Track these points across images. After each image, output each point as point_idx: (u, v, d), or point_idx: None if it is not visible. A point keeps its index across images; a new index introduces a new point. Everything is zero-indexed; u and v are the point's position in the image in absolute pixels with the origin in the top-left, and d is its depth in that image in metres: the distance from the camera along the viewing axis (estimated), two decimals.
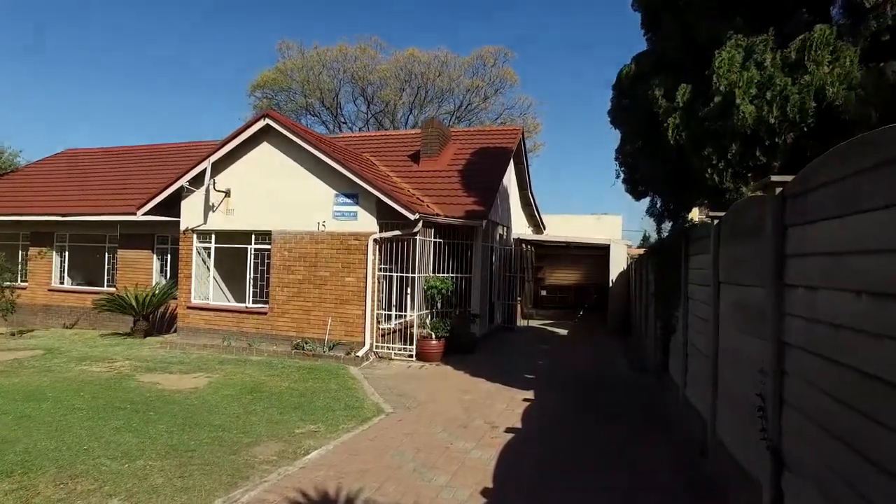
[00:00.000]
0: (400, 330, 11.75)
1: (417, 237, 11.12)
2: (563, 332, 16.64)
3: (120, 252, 15.71)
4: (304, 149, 11.42)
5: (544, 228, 22.24)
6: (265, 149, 12.06)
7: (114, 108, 66.47)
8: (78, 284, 16.56)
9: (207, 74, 61.69)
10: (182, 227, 12.74)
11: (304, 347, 11.11)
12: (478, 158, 14.92)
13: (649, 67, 6.31)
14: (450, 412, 6.97)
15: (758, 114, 4.83)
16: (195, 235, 12.66)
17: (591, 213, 25.49)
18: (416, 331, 11.28)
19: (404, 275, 11.36)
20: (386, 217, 11.17)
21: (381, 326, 11.42)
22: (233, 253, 12.59)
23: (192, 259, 12.67)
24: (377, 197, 10.93)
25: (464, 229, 12.81)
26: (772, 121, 4.66)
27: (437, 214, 11.98)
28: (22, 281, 16.44)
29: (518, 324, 17.23)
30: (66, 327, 15.46)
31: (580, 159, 67.21)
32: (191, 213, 12.63)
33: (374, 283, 11.14)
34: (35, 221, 16.13)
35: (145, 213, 12.80)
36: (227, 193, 12.29)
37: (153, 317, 14.28)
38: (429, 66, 31.96)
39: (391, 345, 11.40)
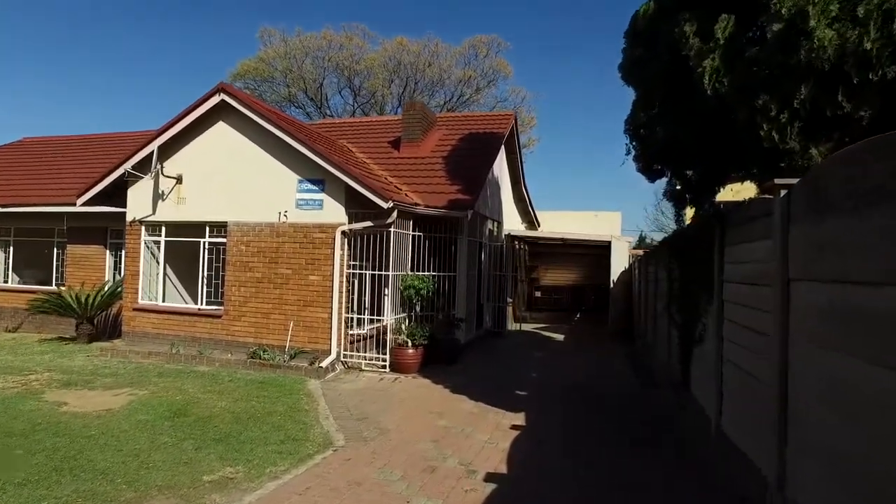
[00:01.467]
0: (374, 336, 10.27)
1: (392, 229, 9.63)
2: (559, 337, 15.19)
3: (69, 248, 14.15)
4: (264, 129, 9.91)
5: (539, 225, 20.80)
6: (221, 129, 10.54)
7: (85, 98, 63.46)
8: (24, 283, 14.98)
9: (183, 62, 59.50)
10: (128, 219, 11.20)
11: (260, 356, 9.60)
12: (465, 145, 13.45)
13: (674, 1, 4.85)
14: (417, 445, 5.49)
15: (841, 40, 3.39)
16: (143, 228, 11.13)
17: (588, 210, 24.07)
18: (390, 337, 9.79)
19: (380, 273, 9.86)
20: (356, 206, 9.68)
21: (351, 332, 9.93)
22: (187, 248, 11.07)
23: (139, 254, 11.14)
24: (346, 183, 9.45)
25: (447, 222, 11.34)
26: (867, 46, 3.21)
27: (416, 204, 10.50)
28: None
29: (510, 328, 15.76)
30: (8, 330, 13.87)
31: (577, 156, 65.82)
32: (138, 203, 11.10)
33: (341, 281, 9.64)
34: None
35: (86, 203, 11.25)
36: (179, 180, 10.77)
37: (101, 319, 12.73)
38: (418, 55, 30.49)
39: (363, 353, 9.91)
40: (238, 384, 8.12)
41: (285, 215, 10.03)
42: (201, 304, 10.76)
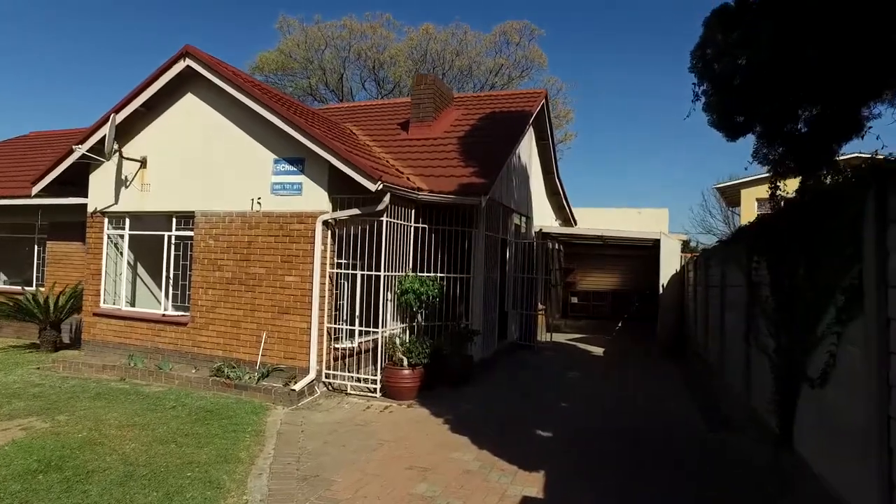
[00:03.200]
0: (370, 350, 8.40)
1: (385, 219, 7.72)
2: (598, 350, 12.96)
3: (49, 245, 12.82)
4: (237, 100, 8.18)
5: (576, 223, 18.58)
6: (190, 103, 8.88)
7: (104, 92, 63.27)
8: (11, 283, 13.77)
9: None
10: (89, 209, 9.68)
11: (226, 374, 7.83)
12: (485, 124, 11.46)
13: None
14: None
15: None
16: (106, 219, 9.58)
17: (631, 207, 21.61)
18: (381, 353, 7.87)
19: (375, 273, 7.96)
20: (343, 191, 7.84)
21: (337, 346, 8.07)
22: (158, 243, 9.44)
23: (102, 250, 9.58)
24: (329, 162, 7.61)
25: (460, 213, 9.37)
26: None
27: (416, 189, 8.55)
28: None
29: (541, 338, 13.63)
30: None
31: (616, 154, 62.43)
32: (100, 191, 9.55)
33: (323, 283, 7.80)
34: None
35: (43, 192, 9.79)
36: (143, 164, 9.17)
37: (73, 325, 11.29)
38: (446, 44, 28.65)
39: (352, 373, 8.04)
40: (178, 413, 6.35)
41: (259, 203, 8.26)
42: (165, 308, 9.11)
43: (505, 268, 12.26)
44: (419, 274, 8.52)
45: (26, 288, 11.66)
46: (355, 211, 7.65)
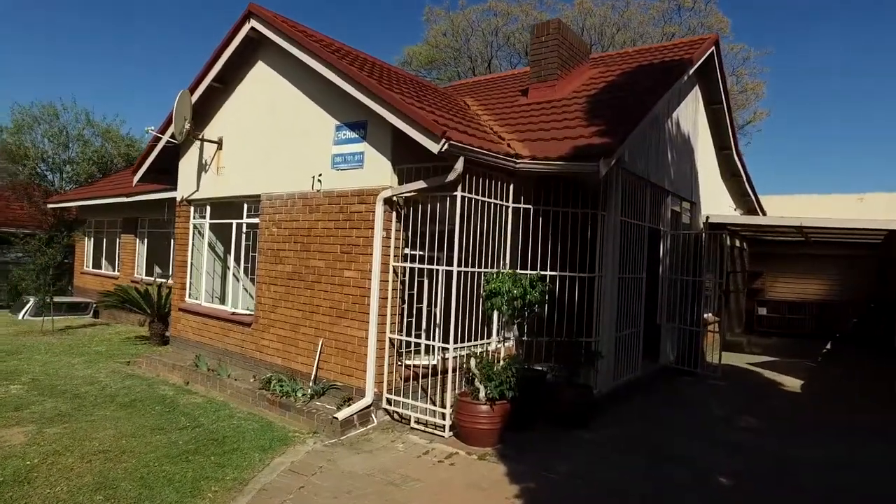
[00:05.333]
0: (456, 370, 6.38)
1: (459, 194, 5.64)
2: (794, 384, 9.32)
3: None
4: (300, 62, 6.77)
5: (764, 215, 14.49)
6: (260, 72, 7.78)
7: None
8: (163, 276, 14.47)
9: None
10: (178, 197, 9.16)
11: (273, 388, 6.44)
12: (628, 80, 8.74)
13: None
14: None
15: None
16: (192, 208, 8.97)
17: (848, 193, 16.41)
18: (451, 378, 5.76)
19: (467, 269, 5.91)
20: (410, 159, 5.98)
21: (409, 363, 6.23)
22: (231, 231, 8.55)
23: (188, 241, 8.99)
24: (392, 125, 5.78)
25: (581, 191, 6.91)
26: None
27: (515, 156, 6.31)
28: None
29: (710, 360, 10.33)
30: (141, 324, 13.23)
31: (824, 139, 51.56)
32: (186, 178, 8.96)
33: (385, 281, 6.00)
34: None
35: (141, 181, 9.54)
36: (220, 145, 8.32)
37: None
38: (605, 18, 25.41)
39: (423, 401, 6.11)
40: (179, 438, 5.06)
41: (319, 180, 6.77)
42: (234, 305, 8.11)
43: (657, 267, 9.37)
44: (518, 271, 6.28)
45: (145, 278, 11.81)
46: (420, 184, 5.71)
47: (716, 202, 11.98)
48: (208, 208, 8.68)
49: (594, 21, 25.47)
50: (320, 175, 6.74)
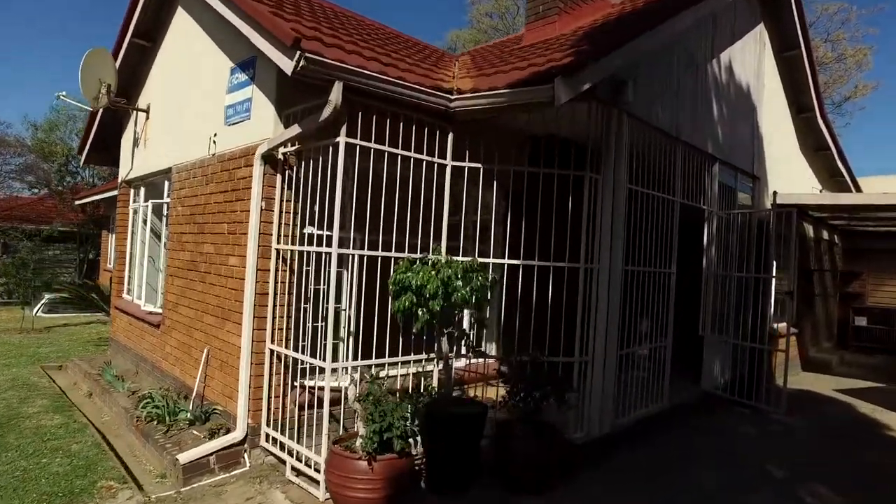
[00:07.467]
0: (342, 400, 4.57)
1: (341, 139, 3.84)
2: None
3: None
4: (211, 7, 5.24)
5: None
6: (181, 22, 6.39)
7: None
8: None
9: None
10: (119, 179, 8.00)
11: (144, 408, 4.93)
12: (655, 6, 6.54)
13: None
14: None
15: None
16: (132, 190, 7.76)
17: None
18: (326, 414, 3.97)
19: (379, 254, 4.19)
20: (302, 100, 4.26)
21: (311, 384, 4.48)
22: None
23: (127, 227, 7.80)
24: (275, 64, 4.08)
25: (575, 151, 4.90)
26: None
27: (448, 91, 4.41)
28: None
29: (781, 383, 7.72)
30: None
31: None
32: (125, 155, 7.79)
33: (262, 269, 4.35)
34: None
35: (86, 161, 8.51)
36: (148, 113, 7.03)
37: None
38: None
39: (311, 437, 4.35)
40: None
41: (214, 142, 5.24)
42: (149, 303, 6.75)
43: (698, 259, 7.08)
44: (457, 258, 4.34)
45: None
46: (295, 129, 3.98)
47: (791, 181, 9.33)
48: (142, 189, 7.42)
49: None
50: (215, 135, 5.21)
